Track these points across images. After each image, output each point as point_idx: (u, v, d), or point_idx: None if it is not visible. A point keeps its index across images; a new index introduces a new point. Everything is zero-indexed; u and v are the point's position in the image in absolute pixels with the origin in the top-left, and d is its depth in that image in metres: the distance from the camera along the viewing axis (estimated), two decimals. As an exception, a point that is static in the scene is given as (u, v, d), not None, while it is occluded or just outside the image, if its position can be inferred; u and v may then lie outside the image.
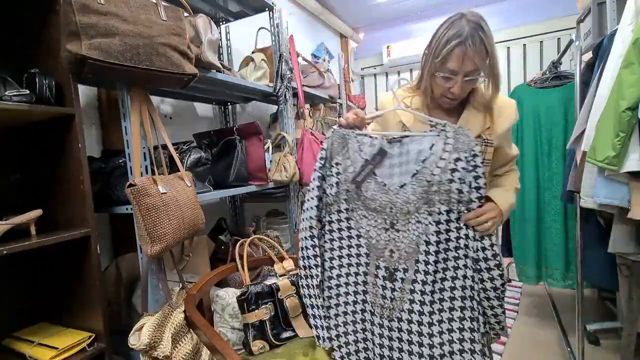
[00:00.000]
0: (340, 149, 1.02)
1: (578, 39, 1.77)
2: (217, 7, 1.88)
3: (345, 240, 1.03)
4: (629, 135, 1.21)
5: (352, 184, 0.98)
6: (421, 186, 0.93)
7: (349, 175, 1.00)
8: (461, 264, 0.93)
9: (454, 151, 0.91)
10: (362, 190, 0.99)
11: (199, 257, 1.54)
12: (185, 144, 1.51)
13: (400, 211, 0.96)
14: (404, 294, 0.96)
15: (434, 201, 0.93)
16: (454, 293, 0.93)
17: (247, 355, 1.19)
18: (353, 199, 1.01)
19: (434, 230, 0.92)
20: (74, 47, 0.94)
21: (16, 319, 1.16)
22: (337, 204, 1.02)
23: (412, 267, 0.95)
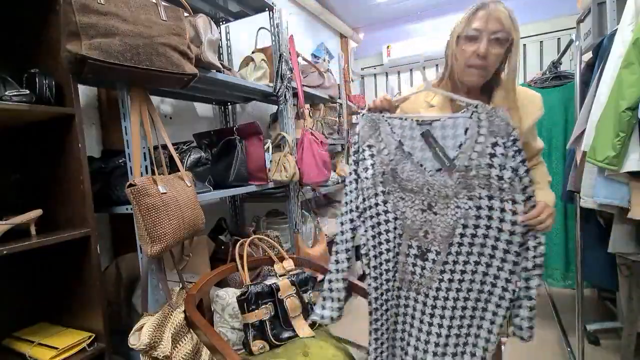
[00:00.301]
0: (371, 132, 1.03)
1: (578, 39, 1.77)
2: (217, 7, 1.88)
3: (383, 225, 1.03)
4: (629, 135, 1.21)
5: (440, 171, 0.98)
6: (459, 171, 0.93)
7: (383, 157, 1.01)
8: (498, 255, 0.92)
9: (489, 135, 0.90)
10: (398, 171, 1.00)
11: (199, 257, 1.54)
12: (185, 144, 1.51)
13: (438, 194, 0.96)
14: (433, 274, 0.98)
15: (473, 186, 0.92)
16: (483, 287, 0.95)
17: (247, 355, 1.19)
18: (389, 181, 1.01)
19: (474, 215, 0.92)
20: (74, 47, 0.94)
21: (16, 319, 1.16)
22: (373, 187, 1.03)
23: (445, 250, 0.96)
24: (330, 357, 1.11)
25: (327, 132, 2.66)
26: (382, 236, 1.04)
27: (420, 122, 0.98)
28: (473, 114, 0.92)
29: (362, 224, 1.05)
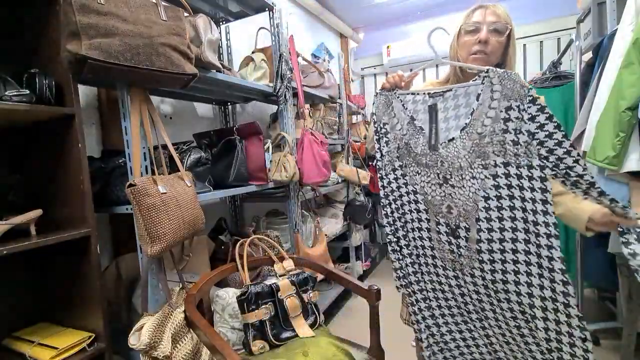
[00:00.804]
0: (385, 109, 1.07)
1: (578, 39, 1.77)
2: (217, 7, 1.88)
3: (405, 196, 1.07)
4: (629, 135, 1.21)
5: (429, 149, 1.00)
6: (471, 139, 0.91)
7: (397, 133, 1.05)
8: (532, 228, 0.87)
9: (503, 99, 0.86)
10: (412, 146, 1.01)
11: (199, 257, 1.54)
12: (185, 144, 1.51)
13: (451, 165, 0.95)
14: (471, 253, 0.96)
15: (487, 154, 0.89)
16: (518, 256, 0.90)
17: (247, 355, 1.19)
18: (404, 155, 1.05)
19: (492, 184, 0.89)
20: (74, 47, 0.94)
21: (16, 319, 1.16)
22: (391, 163, 1.07)
23: (473, 225, 0.94)
24: (330, 357, 1.11)
25: (327, 132, 2.66)
26: (407, 209, 1.06)
27: (433, 94, 0.98)
28: (485, 79, 0.89)
29: (387, 204, 1.09)
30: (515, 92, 0.84)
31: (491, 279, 0.94)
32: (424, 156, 1.00)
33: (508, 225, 0.90)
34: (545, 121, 0.80)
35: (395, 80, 1.07)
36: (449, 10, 3.62)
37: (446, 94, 0.96)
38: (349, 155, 2.86)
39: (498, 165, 0.88)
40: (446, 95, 0.96)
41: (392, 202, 1.10)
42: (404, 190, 1.07)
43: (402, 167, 1.06)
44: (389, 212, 1.12)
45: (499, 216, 0.90)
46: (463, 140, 0.93)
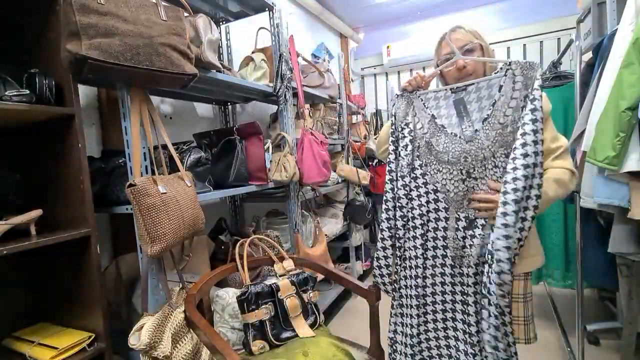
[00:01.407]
0: (406, 110, 1.09)
1: (578, 39, 1.76)
2: (217, 7, 1.88)
3: (424, 197, 1.07)
4: (629, 135, 1.21)
5: (463, 141, 1.02)
6: (494, 129, 0.95)
7: (417, 132, 1.07)
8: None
9: (524, 88, 0.91)
10: (434, 144, 1.04)
11: (199, 257, 1.54)
12: (185, 144, 1.51)
13: (475, 158, 0.98)
14: (484, 240, 0.98)
15: (510, 143, 0.93)
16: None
17: (247, 355, 1.19)
18: (425, 154, 1.06)
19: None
20: (74, 47, 0.94)
21: (16, 319, 1.16)
22: (411, 164, 1.08)
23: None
24: (330, 357, 1.11)
25: (327, 132, 2.66)
26: (425, 210, 1.07)
27: (455, 89, 1.01)
28: (507, 71, 0.94)
29: (404, 198, 1.10)
30: (533, 80, 0.90)
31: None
32: (446, 153, 1.02)
33: (524, 212, 0.93)
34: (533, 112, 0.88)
35: (417, 82, 1.10)
36: (449, 10, 3.62)
37: (469, 87, 0.99)
38: (349, 155, 2.86)
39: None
40: (469, 89, 0.99)
41: (403, 203, 1.10)
42: (423, 190, 1.07)
43: (422, 166, 1.07)
44: (391, 214, 1.13)
45: (516, 199, 0.91)
46: (486, 131, 0.96)
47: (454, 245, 1.04)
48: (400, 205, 1.11)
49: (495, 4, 3.49)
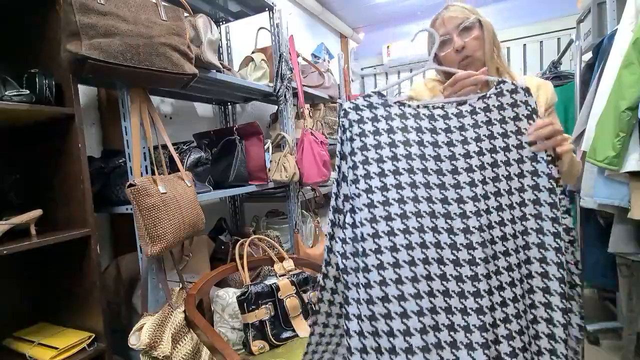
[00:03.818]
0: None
1: (578, 39, 1.77)
2: (217, 7, 1.88)
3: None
4: (629, 135, 1.21)
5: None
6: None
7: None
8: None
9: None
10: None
11: (199, 257, 1.54)
12: (185, 144, 1.51)
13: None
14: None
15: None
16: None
17: (247, 355, 1.19)
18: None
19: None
20: (74, 47, 0.94)
21: (16, 319, 1.16)
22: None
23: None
24: (330, 357, 1.11)
25: (327, 132, 2.66)
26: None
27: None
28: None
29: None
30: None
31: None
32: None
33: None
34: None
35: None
36: (449, 10, 3.61)
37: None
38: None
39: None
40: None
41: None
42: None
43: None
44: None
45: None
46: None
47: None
48: None
49: (495, 4, 3.49)
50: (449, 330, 0.69)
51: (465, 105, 0.78)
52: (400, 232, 0.71)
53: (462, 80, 0.83)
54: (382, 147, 0.75)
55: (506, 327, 0.71)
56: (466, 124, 0.76)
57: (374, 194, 0.72)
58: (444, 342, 0.69)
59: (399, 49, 3.76)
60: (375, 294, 0.69)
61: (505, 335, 0.70)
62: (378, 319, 0.69)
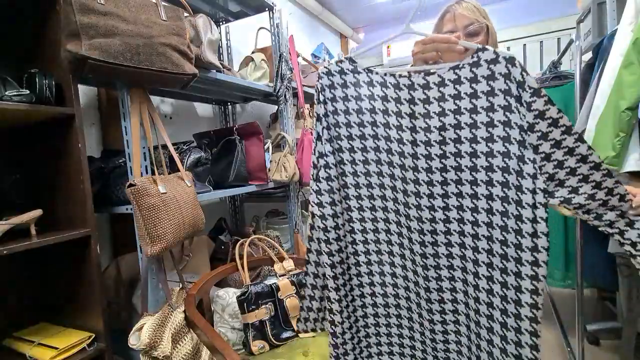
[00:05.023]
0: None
1: (578, 39, 1.77)
2: (217, 7, 1.88)
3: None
4: (629, 135, 1.21)
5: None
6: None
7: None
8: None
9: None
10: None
11: (199, 257, 1.54)
12: (185, 144, 1.51)
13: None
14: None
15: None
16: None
17: (247, 355, 1.19)
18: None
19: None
20: (74, 47, 0.94)
21: (16, 319, 1.16)
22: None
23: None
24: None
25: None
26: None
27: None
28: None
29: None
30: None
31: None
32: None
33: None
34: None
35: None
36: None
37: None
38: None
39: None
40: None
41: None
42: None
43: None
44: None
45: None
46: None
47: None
48: None
49: (495, 3, 3.49)
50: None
51: (434, 76, 0.72)
52: (374, 174, 0.81)
53: (437, 43, 0.78)
54: (350, 112, 0.80)
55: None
56: (431, 97, 0.72)
57: (343, 154, 0.82)
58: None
59: (399, 49, 3.76)
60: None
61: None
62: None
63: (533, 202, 0.65)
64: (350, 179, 0.82)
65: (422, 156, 0.74)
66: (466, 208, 0.74)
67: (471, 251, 0.74)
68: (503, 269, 0.70)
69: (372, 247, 0.84)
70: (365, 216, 0.83)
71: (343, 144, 0.82)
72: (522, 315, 0.68)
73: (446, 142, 0.72)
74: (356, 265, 0.86)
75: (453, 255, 0.77)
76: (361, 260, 0.86)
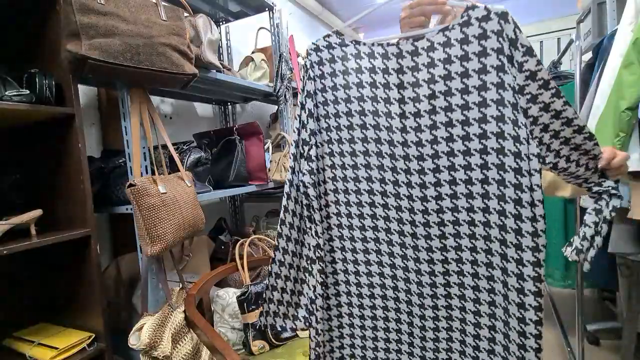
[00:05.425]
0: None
1: (578, 39, 1.77)
2: (217, 7, 1.88)
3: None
4: (629, 135, 1.21)
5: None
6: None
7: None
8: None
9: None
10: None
11: (199, 257, 1.54)
12: (185, 144, 1.51)
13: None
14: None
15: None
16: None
17: (247, 355, 1.19)
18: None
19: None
20: (74, 47, 0.94)
21: (16, 319, 1.16)
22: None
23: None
24: (330, 357, 1.11)
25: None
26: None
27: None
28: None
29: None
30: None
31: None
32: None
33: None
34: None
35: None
36: (449, 10, 3.61)
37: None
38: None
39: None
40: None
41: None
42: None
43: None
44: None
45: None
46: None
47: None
48: None
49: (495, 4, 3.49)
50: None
51: (423, 40, 0.67)
52: (360, 154, 0.77)
53: (424, 5, 0.74)
54: (337, 89, 0.76)
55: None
56: (420, 64, 0.68)
57: (331, 132, 0.79)
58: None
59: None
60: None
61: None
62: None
63: (528, 168, 0.62)
64: (338, 159, 0.79)
65: (412, 129, 0.70)
66: (459, 181, 0.69)
67: (466, 226, 0.70)
68: (502, 240, 0.68)
69: (356, 222, 0.80)
70: (351, 200, 0.79)
71: (331, 122, 0.79)
72: (524, 261, 0.65)
73: (436, 112, 0.68)
74: (341, 250, 0.83)
75: (445, 235, 0.72)
76: (347, 245, 0.82)
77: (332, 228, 0.83)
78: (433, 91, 0.68)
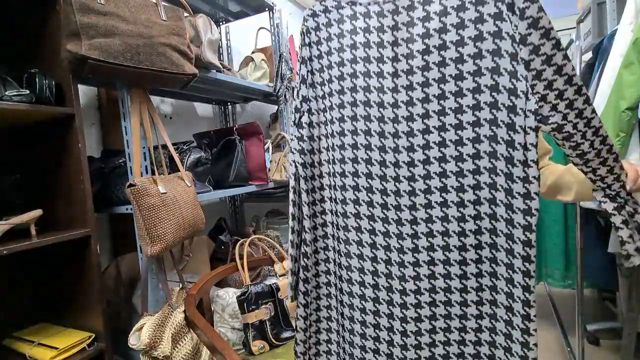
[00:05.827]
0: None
1: (578, 39, 1.77)
2: (217, 7, 1.88)
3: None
4: (629, 135, 1.21)
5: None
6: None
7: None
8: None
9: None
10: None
11: (199, 257, 1.54)
12: (185, 144, 1.51)
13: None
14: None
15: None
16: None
17: (247, 355, 1.19)
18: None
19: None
20: (74, 47, 0.94)
21: (16, 319, 1.16)
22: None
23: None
24: (330, 357, 1.11)
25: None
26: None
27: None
28: None
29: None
30: None
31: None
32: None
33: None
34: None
35: None
36: (449, 10, 3.61)
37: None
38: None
39: None
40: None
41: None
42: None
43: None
44: None
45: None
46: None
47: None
48: None
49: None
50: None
51: None
52: (348, 119, 0.75)
53: None
54: (331, 53, 0.75)
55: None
56: (415, 19, 0.66)
57: (325, 99, 0.77)
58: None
59: None
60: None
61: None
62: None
63: (523, 124, 0.59)
64: (328, 127, 0.78)
65: (403, 88, 0.67)
66: (449, 143, 0.66)
67: (454, 193, 0.68)
68: (491, 199, 0.65)
69: (350, 195, 0.77)
70: (347, 170, 0.76)
71: (325, 89, 0.77)
72: (515, 236, 0.63)
73: (429, 68, 0.65)
74: (335, 215, 0.81)
75: (432, 204, 0.69)
76: (338, 209, 0.80)
77: (324, 201, 0.83)
78: (427, 46, 0.65)
